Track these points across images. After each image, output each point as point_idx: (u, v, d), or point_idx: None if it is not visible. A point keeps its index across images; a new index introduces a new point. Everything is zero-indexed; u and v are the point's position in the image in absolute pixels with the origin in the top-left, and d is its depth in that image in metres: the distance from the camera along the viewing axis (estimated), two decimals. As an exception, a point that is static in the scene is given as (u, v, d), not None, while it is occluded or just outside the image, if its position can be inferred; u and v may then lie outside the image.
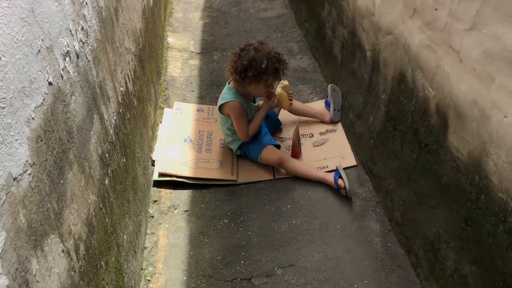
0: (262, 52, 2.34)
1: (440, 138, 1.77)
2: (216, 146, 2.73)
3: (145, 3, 3.00)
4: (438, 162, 1.81)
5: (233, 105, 2.44)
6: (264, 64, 2.31)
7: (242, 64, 2.34)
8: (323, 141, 2.75)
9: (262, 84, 2.37)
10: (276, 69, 2.35)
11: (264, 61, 2.31)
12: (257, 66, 2.31)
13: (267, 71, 2.32)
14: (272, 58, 2.33)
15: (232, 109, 2.45)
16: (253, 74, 2.32)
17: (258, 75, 2.32)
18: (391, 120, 2.21)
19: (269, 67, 2.32)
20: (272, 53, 2.36)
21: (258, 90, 2.43)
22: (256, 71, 2.32)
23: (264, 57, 2.32)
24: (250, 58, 2.33)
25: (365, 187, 2.39)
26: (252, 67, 2.32)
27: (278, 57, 2.37)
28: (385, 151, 2.26)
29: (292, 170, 2.50)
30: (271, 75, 2.35)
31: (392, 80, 2.16)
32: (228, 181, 2.51)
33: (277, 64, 2.35)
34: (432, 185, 1.84)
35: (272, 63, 2.33)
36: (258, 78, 2.33)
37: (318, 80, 3.30)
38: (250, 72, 2.33)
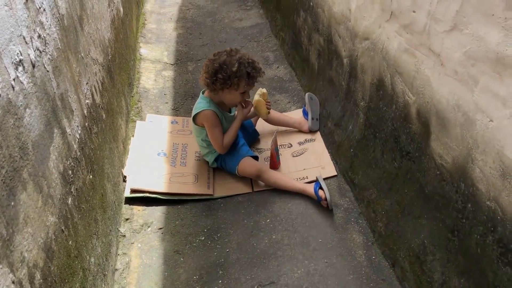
0: (235, 57, 2.27)
1: (422, 145, 1.71)
2: (191, 159, 2.62)
3: (115, 13, 2.89)
4: (421, 170, 1.74)
5: (206, 114, 2.35)
6: (235, 67, 2.23)
7: (213, 67, 2.27)
8: (302, 151, 2.67)
9: (235, 91, 2.29)
10: (248, 73, 2.26)
11: (235, 64, 2.24)
12: (227, 69, 2.24)
13: (237, 74, 2.23)
14: (244, 63, 2.26)
15: (206, 118, 2.35)
16: (223, 76, 2.24)
17: (228, 78, 2.24)
18: (370, 128, 2.15)
19: (240, 70, 2.24)
20: (245, 58, 2.28)
21: (231, 97, 2.34)
22: (226, 73, 2.24)
23: (235, 61, 2.25)
24: (221, 62, 2.26)
25: (347, 198, 2.31)
26: (222, 70, 2.24)
27: (252, 63, 2.29)
28: (366, 159, 2.19)
29: (271, 182, 2.40)
30: (242, 80, 2.26)
31: (371, 86, 2.10)
32: (204, 195, 2.40)
33: (250, 69, 2.27)
34: (416, 194, 1.77)
35: (244, 67, 2.25)
36: (229, 82, 2.25)
37: (295, 89, 3.23)
38: (220, 74, 2.25)
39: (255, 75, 2.30)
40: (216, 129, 2.37)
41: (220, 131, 2.40)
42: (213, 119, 2.36)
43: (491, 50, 1.23)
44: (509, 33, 1.15)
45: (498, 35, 1.19)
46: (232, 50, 2.33)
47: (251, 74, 2.27)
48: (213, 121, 2.36)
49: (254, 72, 2.28)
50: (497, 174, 1.28)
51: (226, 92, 2.31)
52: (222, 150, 2.42)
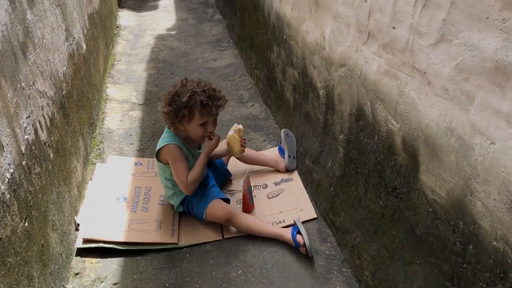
0: (188, 87, 2.07)
1: (411, 178, 1.49)
2: (155, 203, 2.35)
3: (74, 48, 2.69)
4: (410, 208, 1.51)
5: (169, 149, 2.11)
6: (186, 97, 2.02)
7: (167, 99, 2.09)
8: (278, 192, 2.42)
9: (193, 123, 2.07)
10: (201, 102, 2.03)
11: (187, 94, 2.03)
12: (178, 100, 2.03)
13: (188, 104, 2.02)
14: (198, 91, 2.04)
15: (169, 153, 2.11)
16: (173, 109, 2.04)
17: (179, 110, 2.03)
18: (351, 163, 1.93)
19: (191, 100, 2.02)
20: (200, 86, 2.07)
21: (193, 130, 2.11)
22: (177, 105, 2.03)
23: (188, 91, 2.04)
24: (174, 92, 2.08)
25: (328, 243, 2.06)
26: (174, 101, 2.05)
27: (208, 91, 2.07)
28: (348, 199, 1.96)
29: (243, 227, 2.14)
30: (195, 110, 2.04)
31: (349, 117, 1.90)
32: (167, 244, 2.12)
33: (204, 98, 2.04)
34: (406, 236, 1.53)
35: (196, 96, 2.03)
36: (180, 114, 2.04)
37: (270, 127, 3.03)
38: (170, 107, 2.06)
39: (210, 103, 2.06)
40: (180, 165, 2.13)
41: (185, 167, 2.14)
42: (177, 153, 2.12)
43: (488, 58, 1.03)
44: (509, 36, 0.97)
45: (495, 40, 1.00)
46: (188, 80, 2.13)
47: (204, 103, 2.04)
48: (176, 156, 2.12)
49: (208, 100, 2.05)
50: (504, 208, 1.06)
51: (186, 125, 2.09)
52: (187, 189, 2.16)
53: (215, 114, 2.12)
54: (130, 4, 6.12)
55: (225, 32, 4.88)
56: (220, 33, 4.91)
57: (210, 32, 5.00)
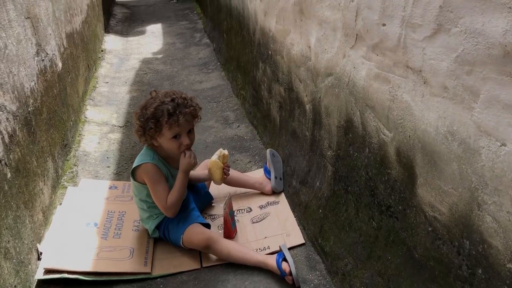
0: (156, 98, 1.90)
1: (406, 194, 1.31)
2: (128, 229, 2.14)
3: (47, 64, 2.54)
4: (407, 228, 1.33)
5: (146, 168, 1.93)
6: (152, 109, 1.85)
7: (135, 116, 1.94)
8: (263, 216, 2.23)
9: (165, 136, 1.89)
10: (168, 111, 1.84)
11: (153, 105, 1.86)
12: (145, 112, 1.87)
13: (156, 116, 1.84)
14: (166, 101, 1.86)
15: (146, 172, 1.93)
16: (140, 123, 1.88)
17: (146, 122, 1.86)
18: (341, 181, 1.76)
19: (158, 110, 1.84)
20: (169, 96, 1.90)
21: (167, 145, 1.93)
22: (143, 117, 1.87)
23: (155, 102, 1.87)
24: (142, 106, 1.92)
25: (317, 271, 1.86)
26: (142, 114, 1.89)
27: (177, 100, 1.88)
28: (338, 221, 1.78)
29: (223, 255, 1.94)
30: (162, 121, 1.84)
31: (338, 130, 1.74)
32: (139, 274, 1.91)
33: (171, 107, 1.85)
34: (403, 261, 1.35)
35: (164, 105, 1.85)
36: (147, 126, 1.86)
37: (256, 148, 2.86)
38: (138, 121, 1.90)
39: (177, 111, 1.86)
40: (159, 186, 1.94)
41: (164, 188, 1.95)
42: (154, 173, 1.93)
43: (495, 44, 0.88)
44: (519, 14, 0.82)
45: (504, 21, 0.85)
46: (157, 92, 1.97)
47: (170, 111, 1.84)
48: (154, 176, 1.93)
49: (175, 109, 1.85)
50: (520, 222, 0.88)
51: (160, 141, 1.92)
52: (168, 212, 1.96)
53: (185, 124, 1.90)
54: (117, 29, 6.03)
55: (212, 55, 4.77)
56: (207, 56, 4.80)
57: (197, 55, 4.90)
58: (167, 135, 1.88)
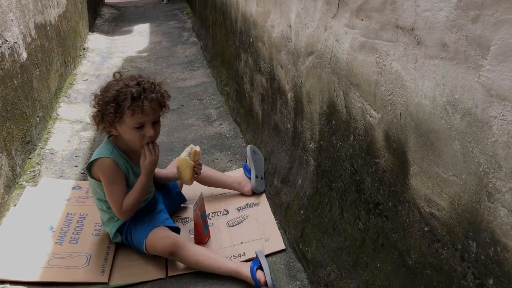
0: (120, 80, 1.65)
1: (398, 187, 1.08)
2: (88, 233, 1.90)
3: (6, 51, 2.30)
4: (398, 229, 1.09)
5: (103, 164, 1.68)
6: (114, 91, 1.59)
7: (95, 99, 1.66)
8: (241, 219, 1.99)
9: (126, 125, 1.63)
10: (132, 96, 1.58)
11: (115, 87, 1.60)
12: (105, 95, 1.61)
13: (117, 99, 1.58)
14: (130, 84, 1.61)
15: (102, 168, 1.69)
16: (99, 106, 1.63)
17: (105, 106, 1.60)
18: (324, 177, 1.52)
19: (121, 94, 1.58)
20: (135, 79, 1.65)
21: (128, 135, 1.67)
22: (103, 100, 1.61)
23: (117, 84, 1.62)
24: (103, 87, 1.66)
25: (298, 281, 1.62)
26: (102, 97, 1.63)
27: (143, 84, 1.64)
28: (320, 223, 1.54)
29: (191, 262, 1.69)
30: (124, 106, 1.58)
31: (320, 118, 1.51)
32: (94, 284, 1.67)
33: (136, 91, 1.60)
34: (394, 269, 1.11)
35: (127, 88, 1.60)
36: (106, 111, 1.60)
37: (238, 146, 2.63)
38: (97, 105, 1.64)
39: (142, 96, 1.60)
40: (114, 186, 1.70)
41: (121, 189, 1.72)
42: (111, 171, 1.68)
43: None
44: None
45: None
46: (122, 74, 1.72)
47: (135, 95, 1.59)
48: (110, 174, 1.69)
49: (141, 92, 1.60)
50: (547, 215, 0.65)
51: (120, 131, 1.67)
52: (122, 214, 1.73)
53: (150, 112, 1.63)
54: (102, 29, 5.82)
55: (199, 53, 4.55)
56: (193, 55, 4.58)
57: (183, 53, 4.68)
58: (129, 123, 1.63)
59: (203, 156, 2.53)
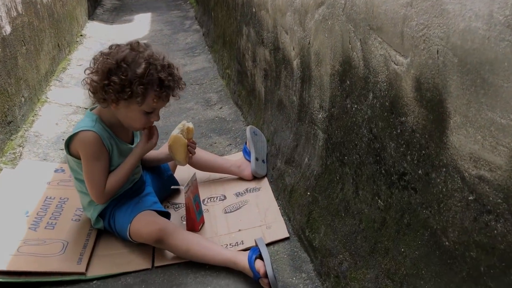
0: (142, 53, 1.40)
1: (431, 149, 0.85)
2: (67, 219, 1.69)
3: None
4: (431, 203, 0.87)
5: (84, 137, 1.45)
6: (141, 68, 1.35)
7: (106, 65, 1.37)
8: (239, 205, 1.77)
9: (137, 106, 1.40)
10: (160, 80, 1.38)
11: (143, 64, 1.36)
12: (128, 69, 1.36)
13: (144, 80, 1.36)
14: (156, 65, 1.40)
15: (82, 143, 1.46)
16: (120, 80, 1.35)
17: (128, 85, 1.35)
18: (335, 151, 1.30)
19: (149, 74, 1.36)
20: (158, 58, 1.43)
21: (131, 117, 1.45)
22: (126, 76, 1.35)
23: (142, 59, 1.38)
24: (120, 58, 1.37)
25: (303, 273, 1.40)
26: (120, 70, 1.35)
27: (167, 66, 1.43)
28: (330, 205, 1.32)
29: (181, 251, 1.48)
30: (150, 90, 1.38)
31: (331, 81, 1.29)
32: (70, 274, 1.45)
33: (164, 75, 1.39)
34: (424, 253, 0.89)
35: (154, 70, 1.38)
36: (129, 90, 1.36)
37: (239, 130, 2.41)
38: (115, 77, 1.35)
39: (171, 85, 1.42)
40: (96, 164, 1.48)
41: (104, 168, 1.50)
42: (94, 146, 1.45)
43: None
44: None
45: None
46: (139, 44, 1.46)
47: (165, 82, 1.39)
48: (92, 150, 1.46)
49: (170, 79, 1.41)
50: None
51: (122, 108, 1.42)
52: (100, 198, 1.51)
53: (167, 101, 1.47)
54: (102, 18, 5.62)
55: (201, 40, 4.34)
56: (195, 41, 4.37)
57: (185, 40, 4.47)
58: (145, 107, 1.41)
59: (201, 140, 2.31)
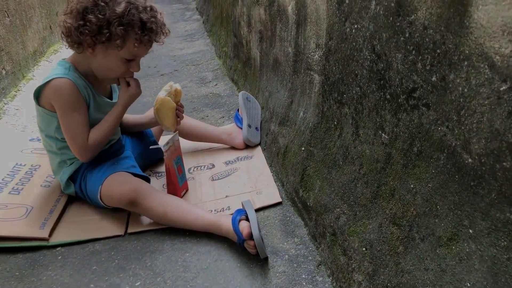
0: None
1: (448, 43, 0.67)
2: (35, 184, 1.51)
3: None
4: (449, 114, 0.69)
5: (58, 84, 1.26)
6: (122, 8, 1.19)
7: (81, 4, 1.20)
8: (228, 173, 1.59)
9: (115, 51, 1.24)
10: (142, 21, 1.22)
11: (123, 3, 1.21)
12: (106, 8, 1.19)
13: (124, 20, 1.19)
14: (138, 6, 1.23)
15: (56, 91, 1.26)
16: (97, 20, 1.18)
17: (106, 25, 1.19)
18: (332, 92, 1.12)
19: (130, 13, 1.20)
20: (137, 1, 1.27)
21: (110, 64, 1.28)
22: (104, 15, 1.19)
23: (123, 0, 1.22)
24: None
25: (295, 237, 1.21)
26: (97, 8, 1.19)
27: (151, 10, 1.26)
28: (327, 156, 1.13)
29: (158, 214, 1.29)
30: (131, 32, 1.21)
31: (328, 7, 1.11)
32: (31, 240, 1.27)
33: (145, 16, 1.23)
34: (440, 183, 0.70)
35: (136, 10, 1.22)
36: (106, 31, 1.19)
37: (233, 104, 2.23)
38: (91, 15, 1.19)
39: (154, 27, 1.25)
40: (74, 116, 1.28)
41: (84, 119, 1.30)
42: (70, 94, 1.26)
43: None
44: None
45: None
46: None
47: (147, 23, 1.23)
48: (69, 99, 1.27)
49: (152, 21, 1.25)
50: None
51: (99, 53, 1.25)
52: (85, 154, 1.32)
53: (149, 46, 1.31)
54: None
55: (200, 28, 4.19)
56: (194, 29, 4.21)
57: (184, 28, 4.31)
58: (124, 53, 1.24)
59: (191, 114, 2.13)
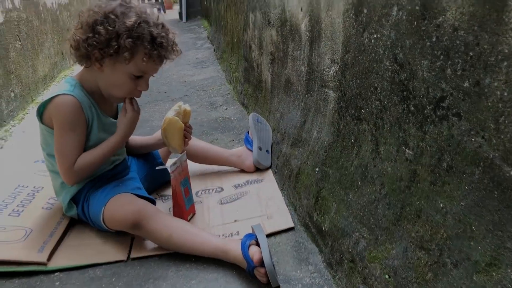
0: (134, 8, 1.21)
1: (482, 43, 0.61)
2: (37, 207, 1.45)
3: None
4: (484, 122, 0.62)
5: (61, 101, 1.21)
6: (132, 21, 1.16)
7: (92, 17, 1.17)
8: (237, 196, 1.52)
9: (123, 66, 1.19)
10: (152, 36, 1.18)
11: (133, 16, 1.18)
12: (117, 20, 1.16)
13: (134, 34, 1.16)
14: (148, 21, 1.20)
15: (58, 107, 1.21)
16: (106, 32, 1.15)
17: (116, 37, 1.15)
18: (349, 108, 1.05)
19: (140, 27, 1.17)
20: (149, 14, 1.23)
21: (115, 81, 1.23)
22: (113, 27, 1.15)
23: (134, 13, 1.19)
24: (109, 10, 1.18)
25: (310, 265, 1.12)
26: (107, 21, 1.16)
27: (162, 27, 1.23)
28: (343, 176, 1.06)
29: (163, 238, 1.22)
30: (140, 46, 1.17)
31: (345, 19, 1.06)
32: (29, 264, 1.20)
33: (155, 30, 1.19)
34: (475, 201, 0.63)
35: (146, 24, 1.18)
36: (115, 44, 1.15)
37: (243, 127, 2.18)
38: (101, 27, 1.16)
39: (164, 43, 1.21)
40: (69, 135, 1.23)
41: (78, 140, 1.25)
42: (71, 113, 1.21)
43: None
44: None
45: None
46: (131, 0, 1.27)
47: (157, 38, 1.19)
48: (69, 118, 1.21)
49: (163, 36, 1.21)
50: None
51: (107, 68, 1.21)
52: (69, 176, 1.26)
53: (159, 64, 1.25)
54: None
55: (211, 55, 4.20)
56: (205, 57, 4.22)
57: (195, 56, 4.33)
58: (132, 69, 1.20)
59: (200, 138, 2.08)
